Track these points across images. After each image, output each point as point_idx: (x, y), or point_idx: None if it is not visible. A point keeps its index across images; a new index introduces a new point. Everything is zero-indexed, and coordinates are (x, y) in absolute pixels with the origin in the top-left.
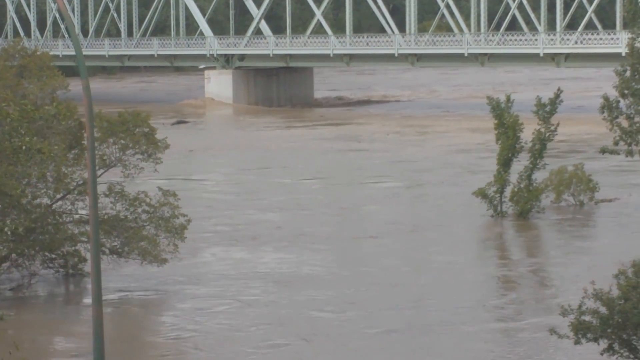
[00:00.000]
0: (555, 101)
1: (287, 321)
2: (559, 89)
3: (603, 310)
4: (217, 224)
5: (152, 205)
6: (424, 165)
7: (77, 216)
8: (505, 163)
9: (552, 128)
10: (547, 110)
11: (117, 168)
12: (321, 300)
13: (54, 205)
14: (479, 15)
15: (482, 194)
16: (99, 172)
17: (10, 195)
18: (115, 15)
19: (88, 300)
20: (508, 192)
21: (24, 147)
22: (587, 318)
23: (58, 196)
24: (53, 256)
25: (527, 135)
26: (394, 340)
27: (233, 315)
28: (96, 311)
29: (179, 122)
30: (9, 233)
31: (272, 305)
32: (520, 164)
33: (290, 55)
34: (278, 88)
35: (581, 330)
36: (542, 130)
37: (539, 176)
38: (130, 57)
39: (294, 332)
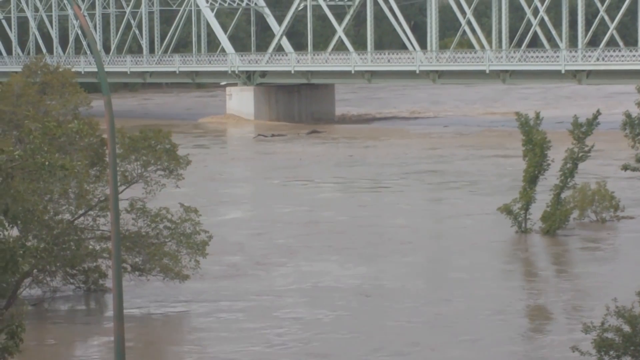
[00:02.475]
0: (592, 122)
1: (389, 331)
2: (597, 111)
3: (626, 327)
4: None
5: (173, 221)
6: None
7: (98, 232)
8: (531, 180)
9: (586, 148)
10: (582, 130)
11: (139, 184)
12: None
13: (76, 222)
14: (500, 32)
15: (507, 210)
16: (120, 189)
17: (32, 211)
18: (137, 32)
19: (109, 315)
20: (533, 208)
21: (47, 163)
22: (609, 335)
23: (80, 212)
24: (74, 272)
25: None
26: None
27: (328, 326)
28: (118, 328)
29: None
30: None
31: (365, 315)
32: (547, 181)
33: (312, 72)
34: (299, 104)
35: (604, 348)
36: (575, 149)
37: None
38: (152, 73)
39: (398, 342)
